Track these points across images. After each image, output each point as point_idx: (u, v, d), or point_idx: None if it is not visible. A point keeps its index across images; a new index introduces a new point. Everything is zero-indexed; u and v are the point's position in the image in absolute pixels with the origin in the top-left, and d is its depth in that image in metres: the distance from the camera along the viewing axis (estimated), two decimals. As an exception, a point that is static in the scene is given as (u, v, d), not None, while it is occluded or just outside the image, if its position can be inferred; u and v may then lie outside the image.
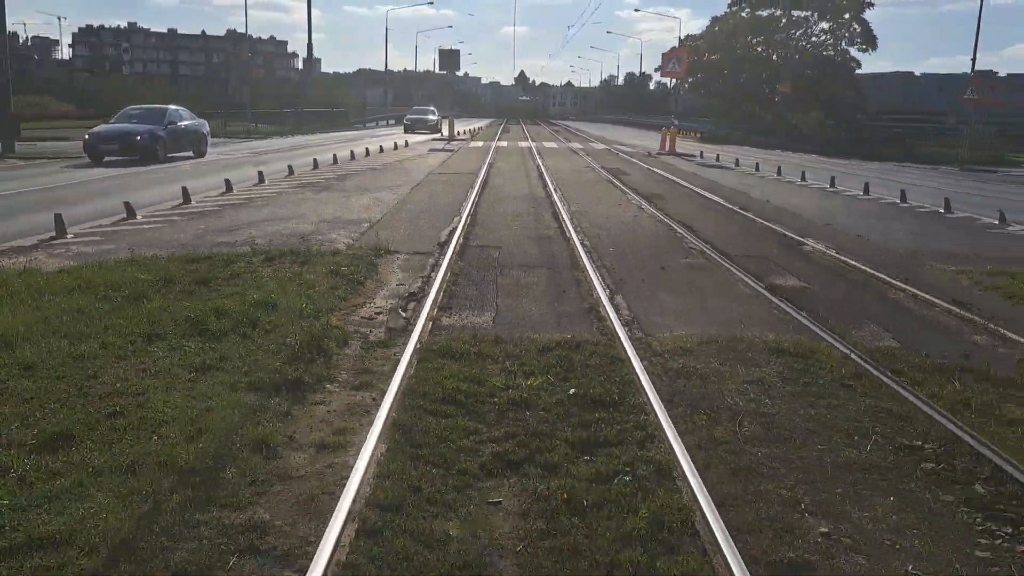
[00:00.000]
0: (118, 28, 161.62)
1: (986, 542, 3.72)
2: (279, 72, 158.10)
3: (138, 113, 24.00)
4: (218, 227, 11.42)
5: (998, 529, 3.82)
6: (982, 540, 3.74)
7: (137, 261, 8.36)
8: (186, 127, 24.58)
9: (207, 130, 26.31)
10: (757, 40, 60.64)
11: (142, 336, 5.90)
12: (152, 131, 22.52)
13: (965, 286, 9.16)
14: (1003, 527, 3.83)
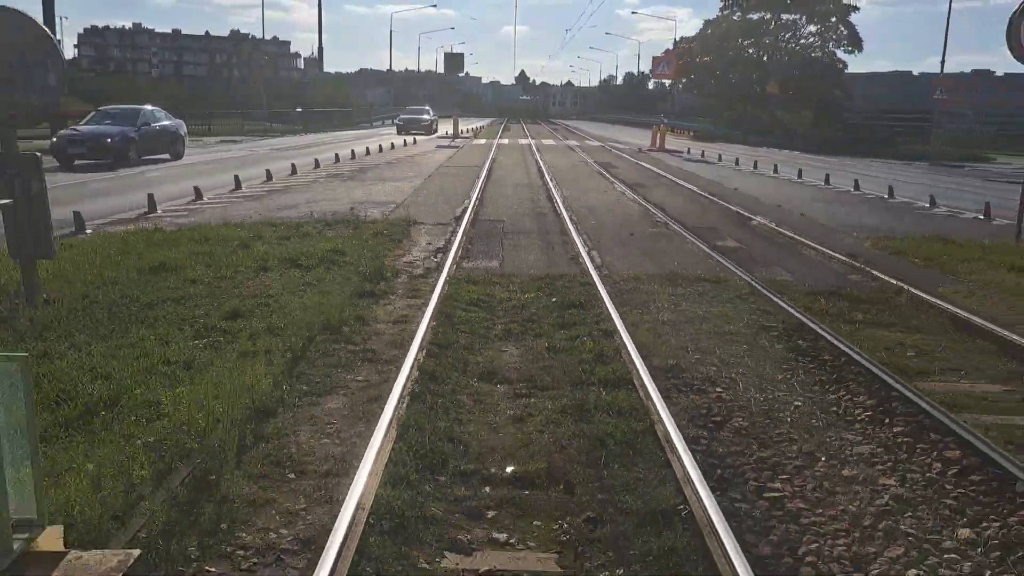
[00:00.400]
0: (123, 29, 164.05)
1: (791, 364, 6.31)
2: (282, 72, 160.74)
3: (111, 114, 23.15)
4: (273, 206, 14.04)
5: (802, 359, 6.42)
6: (790, 363, 6.33)
7: (229, 225, 11.01)
8: (161, 128, 23.51)
9: (184, 131, 25.38)
10: (747, 42, 63.22)
11: (257, 268, 8.53)
12: (124, 133, 21.68)
13: (865, 247, 11.76)
14: (805, 358, 6.43)
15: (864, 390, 5.67)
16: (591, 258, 10.05)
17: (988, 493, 4.19)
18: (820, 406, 5.42)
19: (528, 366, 6.12)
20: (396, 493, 3.93)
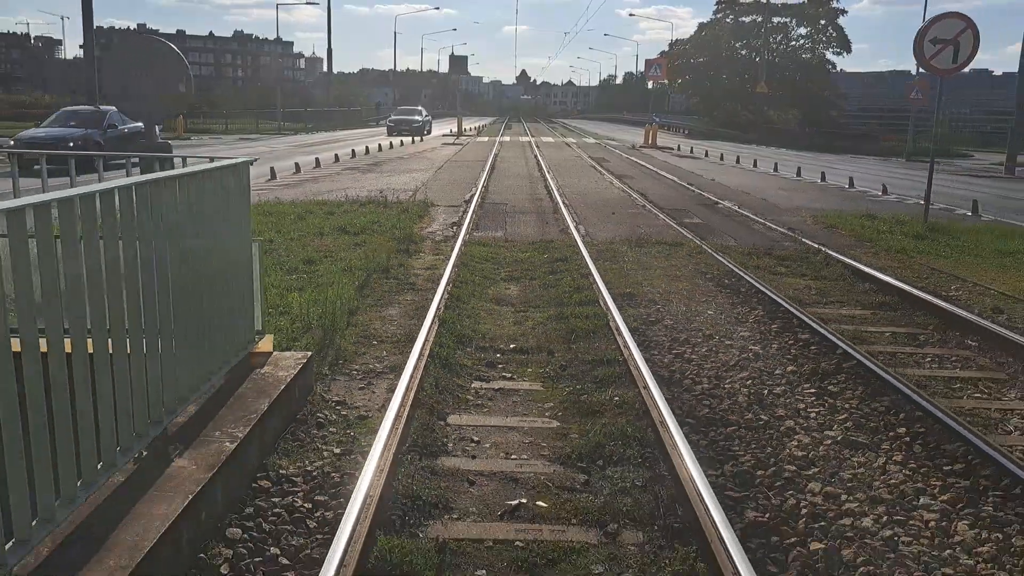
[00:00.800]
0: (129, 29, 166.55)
1: (715, 294, 8.70)
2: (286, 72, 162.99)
3: (75, 115, 21.99)
4: (311, 192, 16.45)
5: (724, 291, 8.81)
6: (713, 293, 8.71)
7: (282, 203, 13.42)
8: (130, 131, 21.58)
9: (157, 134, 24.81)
10: (739, 44, 65.67)
11: (315, 233, 10.94)
12: (88, 136, 20.28)
13: (808, 223, 14.16)
14: (726, 291, 8.83)
15: (762, 309, 8.07)
16: (577, 229, 12.45)
17: (817, 354, 6.59)
18: (726, 316, 7.82)
19: (525, 295, 8.52)
20: (442, 351, 6.31)
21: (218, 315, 4.38)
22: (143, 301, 3.47)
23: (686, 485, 4.00)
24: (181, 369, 3.88)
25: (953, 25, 12.38)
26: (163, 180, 3.75)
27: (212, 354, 4.33)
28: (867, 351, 6.50)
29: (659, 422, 4.81)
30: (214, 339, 4.35)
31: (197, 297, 4.07)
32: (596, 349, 6.54)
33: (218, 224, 4.44)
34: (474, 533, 3.76)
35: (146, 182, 3.55)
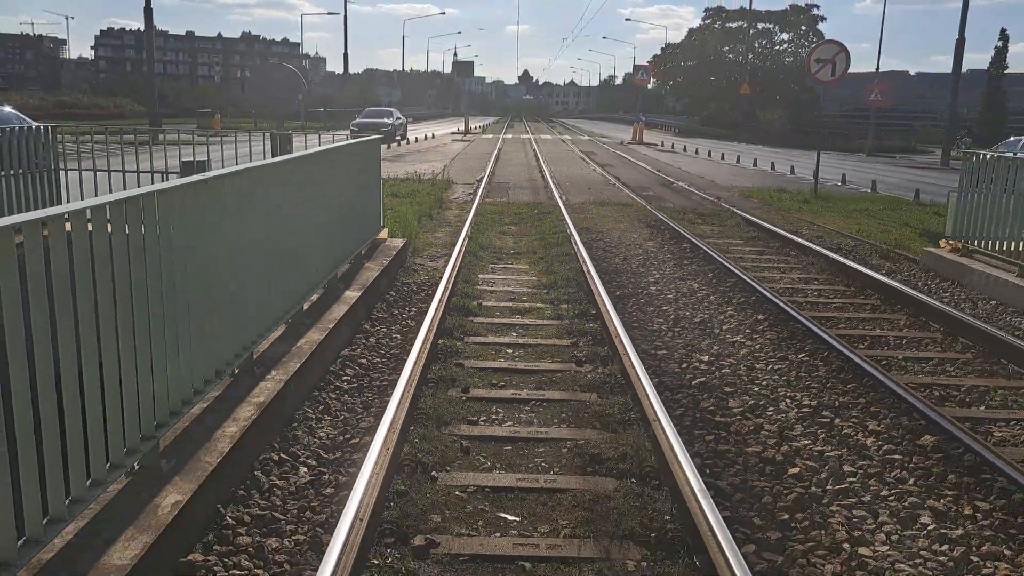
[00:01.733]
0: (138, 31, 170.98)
1: (646, 232, 13.42)
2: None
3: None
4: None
5: (653, 231, 13.55)
6: (645, 231, 13.43)
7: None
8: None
9: None
10: (727, 49, 70.38)
11: (375, 197, 15.70)
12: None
13: (734, 195, 18.86)
14: (653, 230, 13.57)
15: (671, 237, 12.79)
16: (560, 197, 17.17)
17: (689, 250, 11.30)
18: (644, 238, 12.55)
19: (520, 229, 13.25)
20: (472, 248, 11.02)
21: (368, 214, 9.14)
22: (345, 207, 8.22)
23: (596, 295, 8.70)
24: (360, 233, 8.63)
25: (831, 49, 17.13)
26: (353, 144, 8.51)
27: (367, 230, 9.09)
28: (719, 252, 11.22)
29: (587, 272, 9.51)
30: (367, 224, 9.11)
31: (363, 204, 8.82)
32: (560, 250, 11.27)
33: (369, 169, 9.20)
34: (493, 306, 8.48)
35: (349, 144, 8.30)
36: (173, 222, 3.68)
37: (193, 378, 3.98)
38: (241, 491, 4.00)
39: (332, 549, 3.28)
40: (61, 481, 2.82)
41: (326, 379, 5.78)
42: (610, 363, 6.28)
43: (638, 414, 5.13)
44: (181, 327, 3.78)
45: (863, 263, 10.54)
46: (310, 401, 5.33)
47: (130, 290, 3.29)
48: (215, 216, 4.20)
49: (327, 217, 7.03)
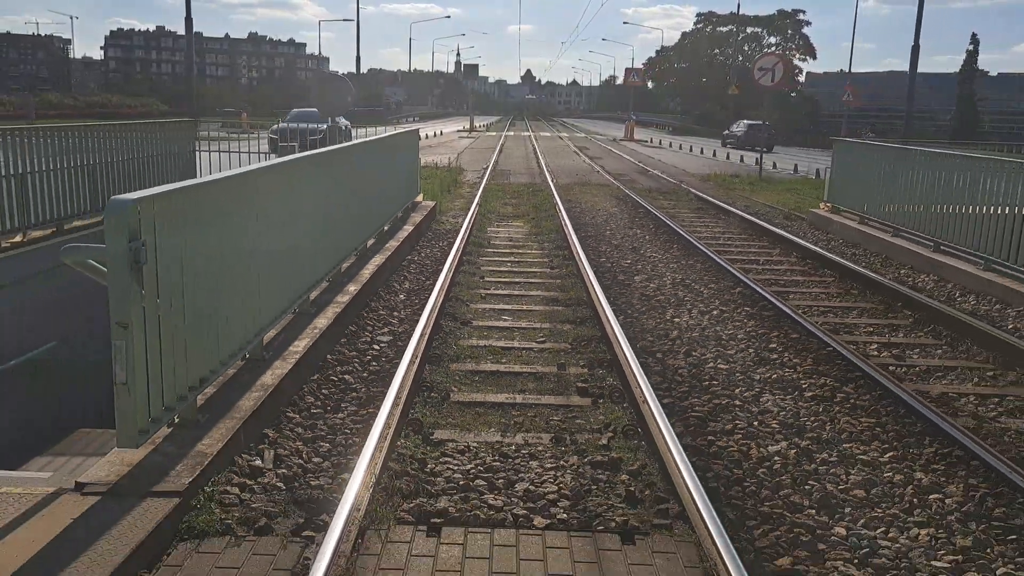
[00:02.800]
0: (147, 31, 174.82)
1: (617, 204, 17.40)
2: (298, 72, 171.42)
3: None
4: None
5: (622, 203, 17.54)
6: (616, 203, 17.41)
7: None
8: None
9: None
10: (717, 51, 74.35)
11: (403, 178, 19.74)
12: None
13: (695, 180, 22.81)
14: (623, 203, 17.55)
15: (632, 206, 16.75)
16: (552, 181, 21.14)
17: (643, 215, 15.27)
18: (612, 207, 16.52)
19: (518, 201, 17.23)
20: (482, 212, 14.98)
21: (407, 182, 13.15)
22: (400, 174, 12.23)
23: (568, 236, 12.66)
24: (408, 194, 12.65)
25: (771, 60, 21.11)
26: (405, 131, 12.51)
27: (411, 193, 13.10)
28: (666, 215, 15.17)
29: (564, 225, 13.46)
30: (410, 190, 13.12)
31: (404, 176, 12.83)
32: (548, 213, 15.23)
33: (408, 150, 13.21)
34: (498, 243, 12.46)
35: (398, 133, 12.29)
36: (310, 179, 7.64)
37: (321, 266, 7.99)
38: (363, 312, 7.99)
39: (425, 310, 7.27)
40: (214, 355, 6.81)
41: (401, 266, 9.80)
42: (570, 265, 10.25)
43: (584, 292, 9.10)
44: (319, 243, 7.76)
45: (767, 221, 14.50)
46: (395, 274, 9.34)
47: (293, 218, 7.29)
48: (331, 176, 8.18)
49: (392, 179, 11.04)
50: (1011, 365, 6.73)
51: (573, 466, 4.52)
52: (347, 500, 3.68)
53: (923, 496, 4.25)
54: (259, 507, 3.80)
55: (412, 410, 5.30)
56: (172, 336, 3.95)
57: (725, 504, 4.09)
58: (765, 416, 5.35)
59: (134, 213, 3.55)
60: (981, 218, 9.86)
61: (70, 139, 9.91)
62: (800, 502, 4.15)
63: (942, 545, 3.77)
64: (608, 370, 6.26)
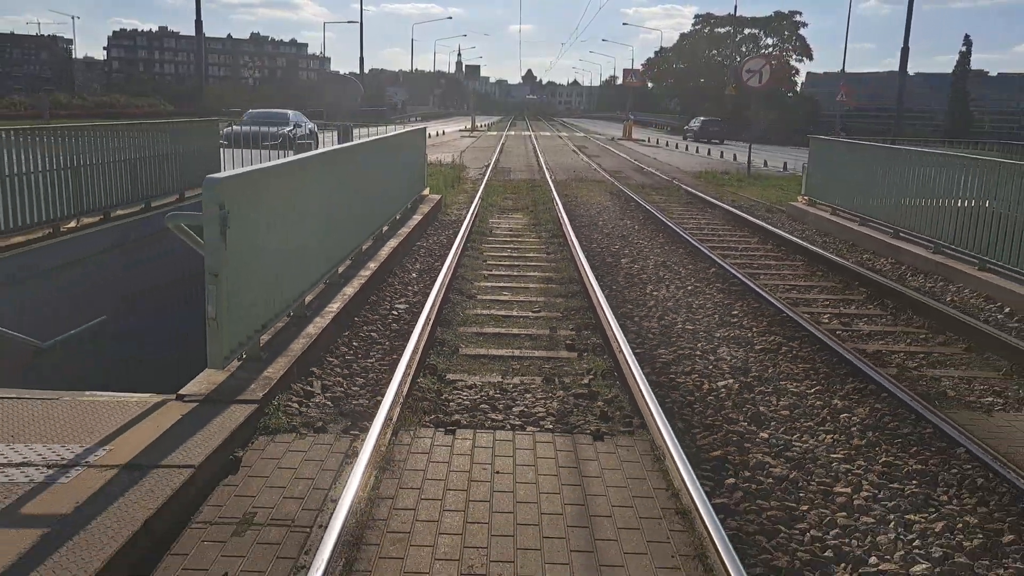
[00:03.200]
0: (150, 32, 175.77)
1: (610, 198, 18.51)
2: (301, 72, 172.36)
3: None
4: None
5: (615, 197, 18.66)
6: (609, 198, 18.53)
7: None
8: None
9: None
10: (715, 52, 75.36)
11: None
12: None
13: (688, 177, 23.91)
14: (615, 197, 18.68)
15: (625, 200, 17.86)
16: (550, 177, 22.26)
17: (634, 209, 16.39)
18: (606, 200, 17.63)
19: (518, 196, 18.34)
20: (484, 205, 16.09)
21: (416, 176, 14.27)
22: (408, 168, 13.35)
23: (563, 225, 13.77)
24: (417, 187, 13.77)
25: (757, 63, 22.20)
26: (412, 130, 13.64)
27: (419, 186, 14.22)
28: (656, 208, 16.28)
29: (560, 216, 14.57)
30: (418, 184, 14.24)
31: (413, 170, 13.95)
32: (545, 206, 16.33)
33: (416, 146, 14.33)
34: (499, 232, 13.57)
35: (404, 132, 13.41)
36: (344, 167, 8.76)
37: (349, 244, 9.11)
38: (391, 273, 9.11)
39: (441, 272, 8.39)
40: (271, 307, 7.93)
41: (411, 251, 10.92)
42: (564, 251, 11.36)
43: (575, 272, 10.20)
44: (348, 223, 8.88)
45: (749, 213, 15.61)
46: (407, 256, 10.46)
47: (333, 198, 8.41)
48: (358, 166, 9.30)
49: (404, 171, 12.16)
50: (942, 330, 7.83)
51: (559, 397, 5.62)
52: (382, 412, 4.79)
53: (835, 415, 5.37)
54: (315, 416, 4.92)
55: (428, 359, 6.41)
56: (243, 287, 5.06)
57: (677, 419, 5.21)
58: (719, 362, 6.47)
59: (222, 187, 4.66)
60: (933, 208, 10.97)
61: (114, 137, 11.02)
62: (736, 417, 5.27)
63: (841, 445, 4.88)
64: (592, 331, 7.36)
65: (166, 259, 11.41)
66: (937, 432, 5.07)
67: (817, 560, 3.63)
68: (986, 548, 3.77)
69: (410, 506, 3.88)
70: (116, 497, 3.43)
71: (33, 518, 3.25)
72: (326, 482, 4.07)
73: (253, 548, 3.44)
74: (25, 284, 8.76)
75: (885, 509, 4.10)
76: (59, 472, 3.65)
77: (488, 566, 3.38)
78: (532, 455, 4.53)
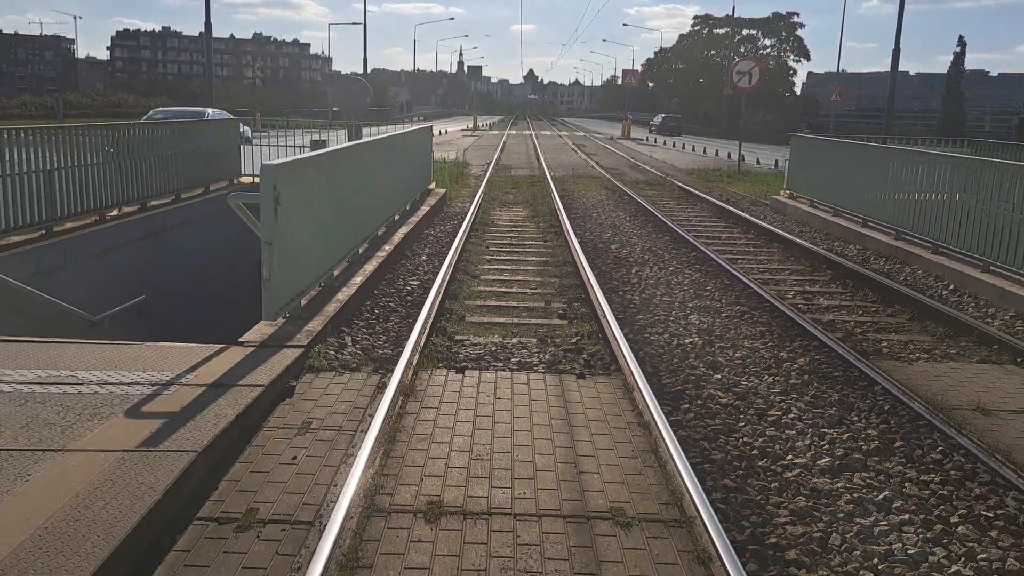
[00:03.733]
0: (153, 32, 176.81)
1: (606, 193, 19.59)
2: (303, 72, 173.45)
3: None
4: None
5: (610, 192, 19.73)
6: (605, 193, 19.60)
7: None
8: None
9: None
10: (714, 53, 76.42)
11: (415, 171, 21.96)
12: None
13: (681, 173, 24.97)
14: (610, 192, 19.75)
15: (619, 195, 18.93)
16: (549, 173, 23.32)
17: (627, 202, 17.46)
18: (603, 196, 18.70)
19: (519, 191, 19.41)
20: (486, 199, 17.16)
21: (423, 171, 15.36)
22: (416, 163, 14.44)
23: (560, 217, 14.84)
24: (424, 181, 14.85)
25: (748, 64, 23.25)
26: (420, 128, 14.72)
27: (426, 180, 15.31)
28: (648, 202, 17.33)
29: (558, 209, 15.63)
30: (425, 178, 15.34)
31: (421, 165, 15.03)
32: (544, 200, 17.40)
33: (424, 143, 15.42)
34: (501, 223, 14.65)
35: (415, 129, 14.49)
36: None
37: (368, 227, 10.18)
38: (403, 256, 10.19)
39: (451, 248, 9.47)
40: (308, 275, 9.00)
41: (421, 237, 11.99)
42: (560, 239, 12.43)
43: (569, 256, 11.26)
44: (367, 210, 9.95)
45: (734, 206, 16.67)
46: (416, 242, 11.53)
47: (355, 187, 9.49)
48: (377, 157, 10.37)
49: (414, 165, 13.23)
50: (891, 303, 8.89)
51: (551, 352, 6.68)
52: (403, 357, 5.86)
53: (779, 363, 6.44)
54: (349, 360, 6.00)
55: (439, 323, 7.48)
56: (288, 257, 6.13)
57: (648, 365, 6.28)
58: (688, 326, 7.54)
59: (275, 172, 5.73)
60: (895, 199, 12.04)
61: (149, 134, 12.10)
62: (696, 365, 6.34)
63: (780, 384, 5.95)
64: (582, 304, 8.43)
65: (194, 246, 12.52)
66: (861, 375, 6.14)
67: (744, 455, 4.70)
68: (879, 450, 4.84)
69: (430, 418, 4.96)
70: (210, 403, 4.50)
71: (152, 413, 4.33)
72: (363, 403, 5.14)
73: (312, 443, 4.51)
74: (78, 264, 9.84)
75: (806, 425, 5.17)
76: (161, 388, 4.73)
77: (492, 454, 4.46)
78: (527, 387, 5.60)
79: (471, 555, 3.48)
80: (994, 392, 5.93)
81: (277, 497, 3.89)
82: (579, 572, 3.38)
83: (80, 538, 3.07)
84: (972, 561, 3.67)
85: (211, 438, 4.04)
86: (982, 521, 4.04)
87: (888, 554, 3.72)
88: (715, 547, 3.47)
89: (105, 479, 3.53)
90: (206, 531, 3.58)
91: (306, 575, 3.16)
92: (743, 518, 4.00)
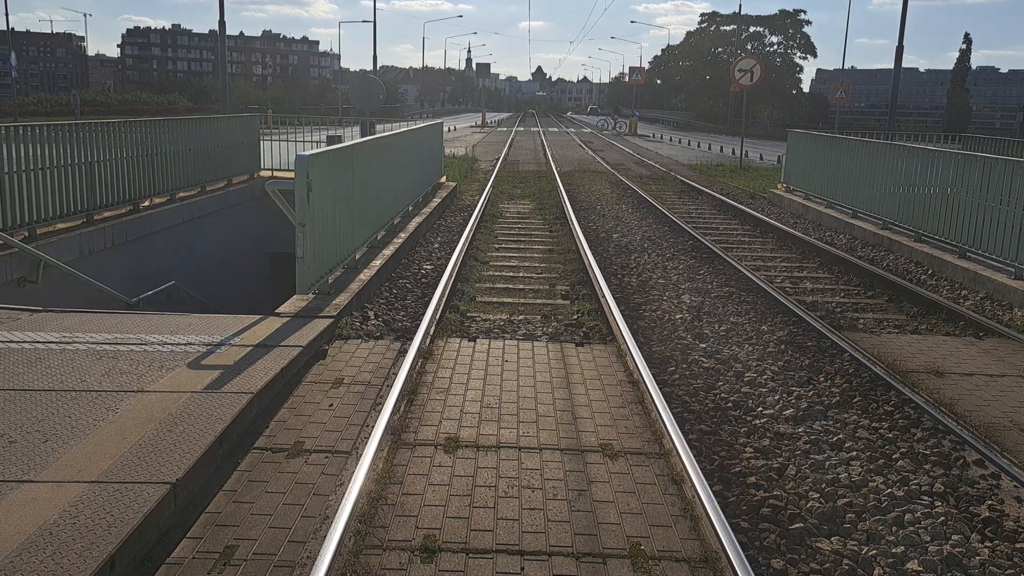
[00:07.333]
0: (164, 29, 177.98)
1: (610, 186, 20.26)
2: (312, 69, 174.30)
3: None
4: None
5: (614, 186, 20.41)
6: (609, 186, 20.28)
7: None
8: None
9: None
10: (721, 50, 76.86)
11: (426, 166, 22.68)
12: None
13: (684, 169, 25.61)
14: (615, 186, 20.43)
15: (623, 189, 19.60)
16: (556, 168, 23.99)
17: (630, 195, 18.13)
18: (608, 190, 19.38)
19: (526, 185, 20.10)
20: (495, 192, 17.87)
21: (434, 165, 16.08)
22: (427, 157, 15.16)
23: (565, 209, 15.53)
24: (435, 174, 15.57)
25: (749, 62, 23.87)
26: (432, 124, 15.44)
27: (437, 173, 16.03)
28: (650, 196, 18.00)
29: (563, 202, 16.32)
30: (437, 171, 16.05)
31: (433, 159, 15.76)
32: (551, 194, 18.09)
33: (435, 139, 16.13)
34: (509, 216, 15.35)
35: (427, 125, 15.21)
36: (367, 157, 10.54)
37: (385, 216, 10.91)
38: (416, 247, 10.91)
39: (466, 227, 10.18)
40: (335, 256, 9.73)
41: (433, 227, 12.71)
42: (565, 229, 13.13)
43: (573, 244, 11.95)
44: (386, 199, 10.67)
45: (733, 199, 17.33)
46: (429, 231, 12.25)
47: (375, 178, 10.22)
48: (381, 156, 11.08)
49: (426, 159, 13.94)
50: (872, 287, 9.56)
51: (554, 326, 7.38)
52: (421, 328, 6.57)
53: (760, 335, 7.14)
54: (373, 330, 6.72)
55: (452, 302, 8.19)
56: (318, 239, 6.85)
57: (640, 337, 6.98)
58: (680, 305, 8.23)
59: (309, 162, 6.45)
60: (882, 191, 12.69)
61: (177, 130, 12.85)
62: (684, 336, 7.04)
63: (758, 352, 6.64)
64: (583, 287, 9.13)
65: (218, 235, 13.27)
66: (833, 345, 6.83)
67: (719, 407, 5.40)
68: (839, 404, 5.54)
69: (446, 376, 5.68)
70: (258, 358, 5.23)
71: (211, 365, 5.07)
72: (387, 364, 5.86)
73: (345, 394, 5.24)
74: (116, 250, 10.59)
75: (777, 384, 5.87)
76: (215, 347, 5.46)
77: (500, 403, 5.17)
78: (531, 353, 6.31)
79: (483, 475, 4.19)
80: (950, 359, 6.61)
81: (319, 434, 4.61)
82: (572, 488, 4.09)
83: (168, 452, 3.80)
84: (905, 486, 4.37)
85: (263, 384, 4.77)
86: (919, 457, 4.73)
87: (834, 480, 4.41)
88: (687, 471, 4.17)
89: (181, 411, 4.26)
90: (262, 457, 4.30)
91: (348, 486, 3.88)
92: (714, 453, 4.70)
